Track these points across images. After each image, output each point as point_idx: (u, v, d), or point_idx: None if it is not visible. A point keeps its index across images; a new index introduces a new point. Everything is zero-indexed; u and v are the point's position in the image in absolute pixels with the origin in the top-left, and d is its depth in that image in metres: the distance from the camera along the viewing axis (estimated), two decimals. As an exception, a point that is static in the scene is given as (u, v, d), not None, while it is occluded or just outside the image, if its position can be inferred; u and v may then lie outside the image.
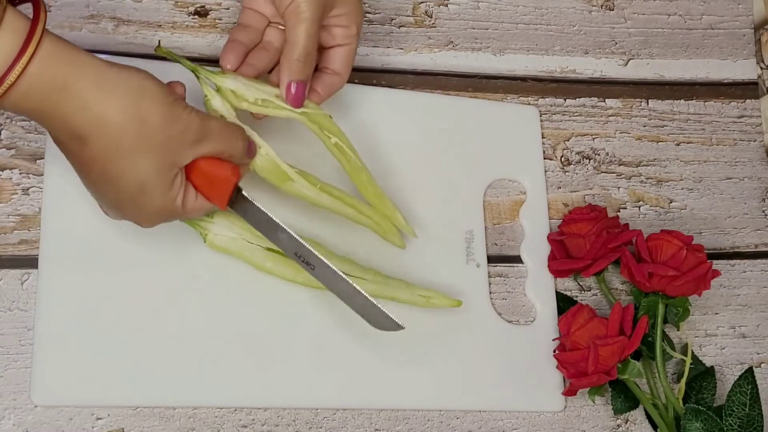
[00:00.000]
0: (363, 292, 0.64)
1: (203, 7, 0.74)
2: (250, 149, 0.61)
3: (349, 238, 0.70)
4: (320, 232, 0.70)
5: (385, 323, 0.65)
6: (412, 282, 0.70)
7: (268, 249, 0.66)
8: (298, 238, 0.63)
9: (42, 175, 0.66)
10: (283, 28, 0.66)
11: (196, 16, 0.73)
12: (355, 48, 0.67)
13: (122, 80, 0.53)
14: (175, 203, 0.57)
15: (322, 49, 0.67)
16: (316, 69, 0.66)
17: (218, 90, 0.64)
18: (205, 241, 0.65)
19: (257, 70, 0.65)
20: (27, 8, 0.52)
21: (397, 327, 0.65)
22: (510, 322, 0.74)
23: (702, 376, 0.74)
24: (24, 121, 0.67)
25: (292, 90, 0.63)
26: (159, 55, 0.63)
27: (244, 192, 0.62)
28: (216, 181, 0.59)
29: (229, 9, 0.74)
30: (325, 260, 0.64)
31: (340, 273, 0.64)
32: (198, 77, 0.63)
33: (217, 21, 0.74)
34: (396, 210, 0.70)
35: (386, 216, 0.70)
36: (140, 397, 0.64)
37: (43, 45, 0.50)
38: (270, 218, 0.63)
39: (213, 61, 0.72)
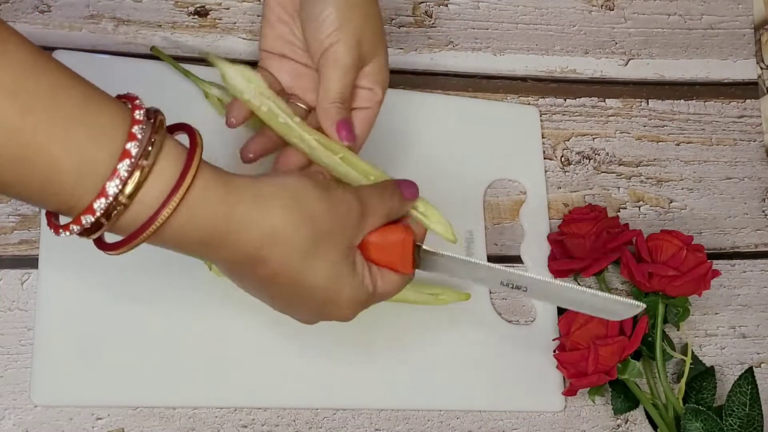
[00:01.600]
0: (586, 289, 0.60)
1: (203, 7, 0.74)
2: (406, 191, 0.59)
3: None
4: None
5: (624, 310, 0.60)
6: (416, 282, 0.70)
7: None
8: (500, 267, 0.60)
9: (42, 175, 0.66)
10: (301, 105, 0.65)
11: (196, 16, 0.73)
12: (376, 114, 0.64)
13: (277, 189, 0.51)
14: (364, 285, 0.55)
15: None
16: None
17: (206, 96, 0.69)
18: (210, 269, 0.65)
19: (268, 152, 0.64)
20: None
21: (637, 308, 0.60)
22: (510, 322, 0.74)
23: (702, 376, 0.74)
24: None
25: (342, 132, 0.61)
26: (155, 54, 0.65)
27: (424, 246, 0.59)
28: (393, 248, 0.57)
29: (229, 9, 0.74)
30: (535, 276, 0.60)
31: (556, 282, 0.61)
32: (188, 77, 0.66)
33: (217, 21, 0.74)
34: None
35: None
36: (140, 397, 0.65)
37: (202, 172, 0.48)
38: (465, 260, 0.60)
39: (213, 61, 0.72)
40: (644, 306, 0.59)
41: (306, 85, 0.65)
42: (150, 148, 0.45)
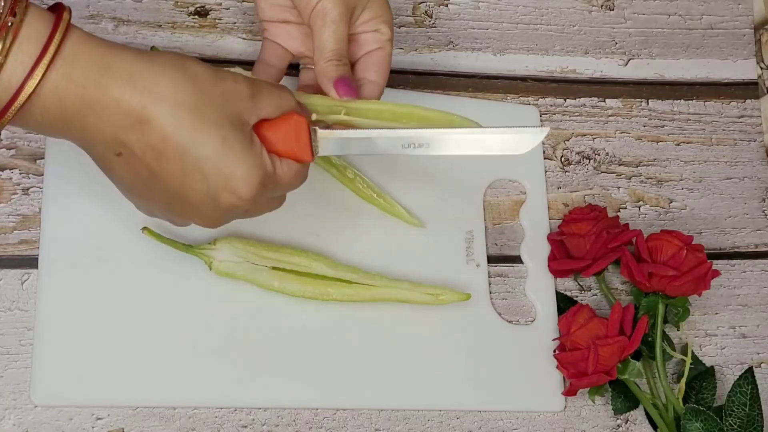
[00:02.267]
0: (485, 128, 0.59)
1: (203, 7, 0.74)
2: (302, 106, 0.58)
3: (351, 246, 0.70)
4: (324, 242, 0.70)
5: (526, 140, 0.60)
6: (416, 282, 0.70)
7: (274, 268, 0.66)
8: (398, 131, 0.58)
9: (42, 175, 0.66)
10: (312, 67, 0.64)
11: (196, 16, 0.73)
12: (389, 52, 0.63)
13: (160, 54, 0.51)
14: (262, 161, 0.53)
15: (353, 63, 0.63)
16: None
17: None
18: (210, 269, 0.65)
19: None
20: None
21: (540, 134, 0.60)
22: (510, 322, 0.74)
23: (702, 376, 0.74)
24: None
25: (340, 90, 0.60)
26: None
27: (319, 129, 0.57)
28: (289, 134, 0.55)
29: (229, 9, 0.74)
30: (432, 129, 0.58)
31: (453, 130, 0.59)
32: None
33: (217, 21, 0.74)
34: (396, 204, 0.71)
35: (388, 212, 0.71)
36: (140, 397, 0.64)
37: (74, 31, 0.48)
38: (361, 133, 0.58)
39: (212, 62, 0.72)
40: (547, 129, 0.59)
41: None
42: (16, 12, 0.46)
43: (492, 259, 0.75)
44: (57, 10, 0.49)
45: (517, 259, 0.76)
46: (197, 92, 0.50)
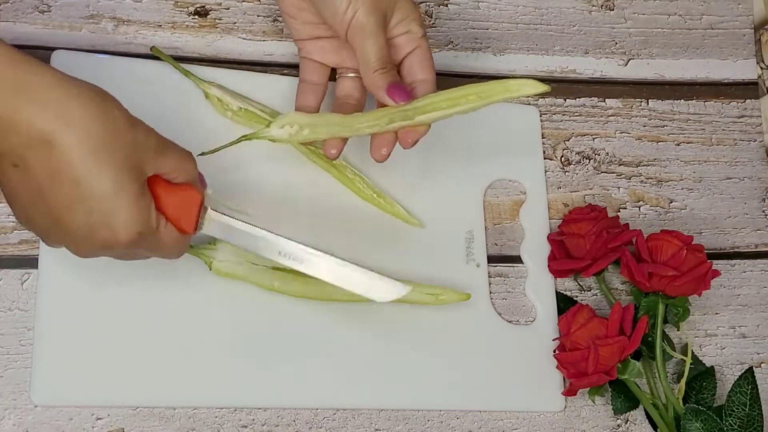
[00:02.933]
0: (357, 267, 0.62)
1: (203, 7, 0.74)
2: (202, 179, 0.59)
3: (351, 247, 0.70)
4: (324, 242, 0.69)
5: (386, 293, 0.63)
6: (416, 282, 0.70)
7: (274, 268, 0.66)
8: (278, 238, 0.61)
9: (42, 175, 0.66)
10: (353, 75, 0.65)
11: (196, 16, 0.73)
12: (427, 48, 0.64)
13: (86, 87, 0.51)
14: (149, 213, 0.54)
15: (398, 68, 0.64)
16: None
17: (206, 96, 0.68)
18: (210, 269, 0.65)
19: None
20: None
21: (401, 291, 0.63)
22: (510, 322, 0.74)
23: (702, 376, 0.74)
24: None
25: (395, 96, 0.61)
26: (155, 54, 0.66)
27: (210, 209, 0.59)
28: (179, 201, 0.56)
29: (229, 9, 0.74)
30: (309, 250, 0.61)
31: (328, 257, 0.62)
32: (188, 77, 0.67)
33: (217, 21, 0.74)
34: (396, 204, 0.71)
35: (388, 211, 0.71)
36: (140, 397, 0.64)
37: None
38: (244, 230, 0.60)
39: (212, 61, 0.72)
40: (408, 289, 0.63)
41: (349, 53, 0.66)
42: None
43: (492, 259, 0.75)
44: None
45: (517, 259, 0.76)
46: (107, 130, 0.51)
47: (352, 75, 0.67)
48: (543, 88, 0.61)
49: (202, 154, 0.63)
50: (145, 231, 0.54)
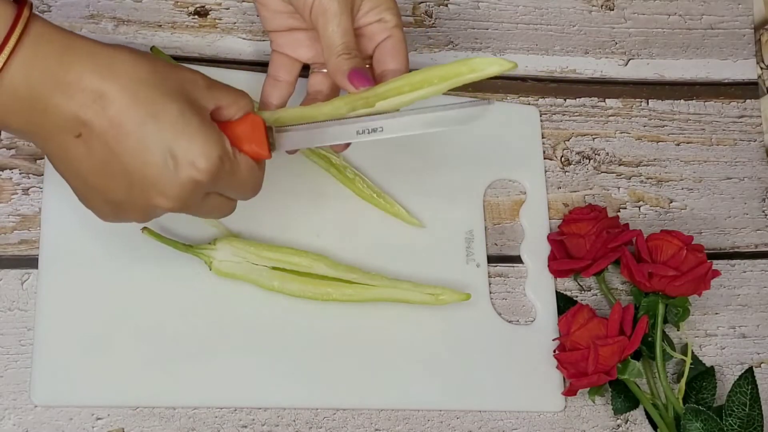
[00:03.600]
0: (435, 107, 0.59)
1: (203, 7, 0.74)
2: (356, 81, 0.58)
3: (351, 246, 0.70)
4: (324, 242, 0.70)
5: (476, 113, 0.60)
6: (416, 282, 0.70)
7: (274, 268, 0.66)
8: (351, 119, 0.58)
9: (42, 175, 0.66)
10: (326, 70, 0.63)
11: (196, 16, 0.73)
12: (400, 37, 0.61)
13: (117, 49, 0.52)
14: (223, 139, 0.53)
15: (368, 59, 0.62)
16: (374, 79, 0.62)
17: None
18: (210, 269, 0.65)
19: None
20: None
21: (487, 104, 0.60)
22: (510, 322, 0.74)
23: (702, 376, 0.74)
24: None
25: (355, 81, 0.58)
26: (155, 54, 0.66)
27: (274, 127, 0.58)
28: (247, 131, 0.55)
29: (229, 9, 0.74)
30: (385, 114, 0.58)
31: (405, 112, 0.59)
32: None
33: (217, 21, 0.74)
34: (396, 204, 0.71)
35: (388, 211, 0.71)
36: (140, 397, 0.64)
37: (35, 19, 0.49)
38: (314, 125, 0.58)
39: (212, 61, 0.72)
40: (493, 101, 0.60)
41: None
42: None
43: (492, 259, 0.75)
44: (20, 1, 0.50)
45: (517, 259, 0.76)
46: (155, 72, 0.51)
47: (324, 71, 0.64)
48: (509, 65, 0.58)
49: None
50: (223, 155, 0.53)
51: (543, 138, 0.79)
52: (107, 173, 0.52)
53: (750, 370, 0.72)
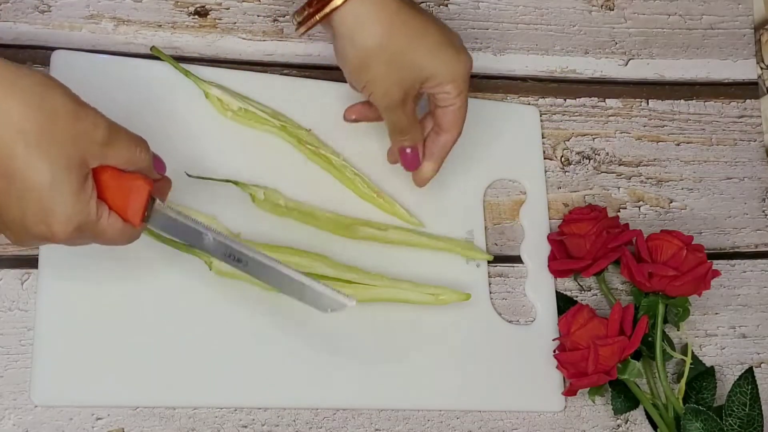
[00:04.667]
0: (301, 274, 0.61)
1: (203, 7, 0.74)
2: (158, 164, 0.58)
3: (351, 246, 0.70)
4: (323, 242, 0.70)
5: (332, 303, 0.61)
6: (416, 282, 0.70)
7: None
8: (224, 239, 0.59)
9: (42, 175, 0.66)
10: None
11: (196, 16, 0.73)
12: (460, 107, 0.66)
13: (24, 75, 0.50)
14: (89, 208, 0.52)
15: (434, 109, 0.67)
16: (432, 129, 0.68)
17: (206, 96, 0.68)
18: (210, 269, 0.65)
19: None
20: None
21: (345, 305, 0.61)
22: (510, 322, 0.74)
23: (702, 376, 0.74)
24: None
25: (405, 160, 0.68)
26: (155, 54, 0.67)
27: (158, 202, 0.57)
28: (128, 193, 0.54)
29: (229, 9, 0.74)
30: (255, 255, 0.60)
31: (272, 264, 0.60)
32: (188, 77, 0.67)
33: (217, 21, 0.74)
34: (396, 204, 0.72)
35: (388, 211, 0.72)
36: (140, 397, 0.64)
37: None
38: (192, 227, 0.59)
39: (212, 61, 0.72)
40: (354, 302, 0.61)
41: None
42: None
43: (492, 259, 0.75)
44: None
45: (517, 259, 0.76)
46: (44, 126, 0.50)
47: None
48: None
49: (189, 175, 0.65)
50: (83, 225, 0.53)
51: (543, 138, 0.79)
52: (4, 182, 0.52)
53: (750, 370, 0.72)
